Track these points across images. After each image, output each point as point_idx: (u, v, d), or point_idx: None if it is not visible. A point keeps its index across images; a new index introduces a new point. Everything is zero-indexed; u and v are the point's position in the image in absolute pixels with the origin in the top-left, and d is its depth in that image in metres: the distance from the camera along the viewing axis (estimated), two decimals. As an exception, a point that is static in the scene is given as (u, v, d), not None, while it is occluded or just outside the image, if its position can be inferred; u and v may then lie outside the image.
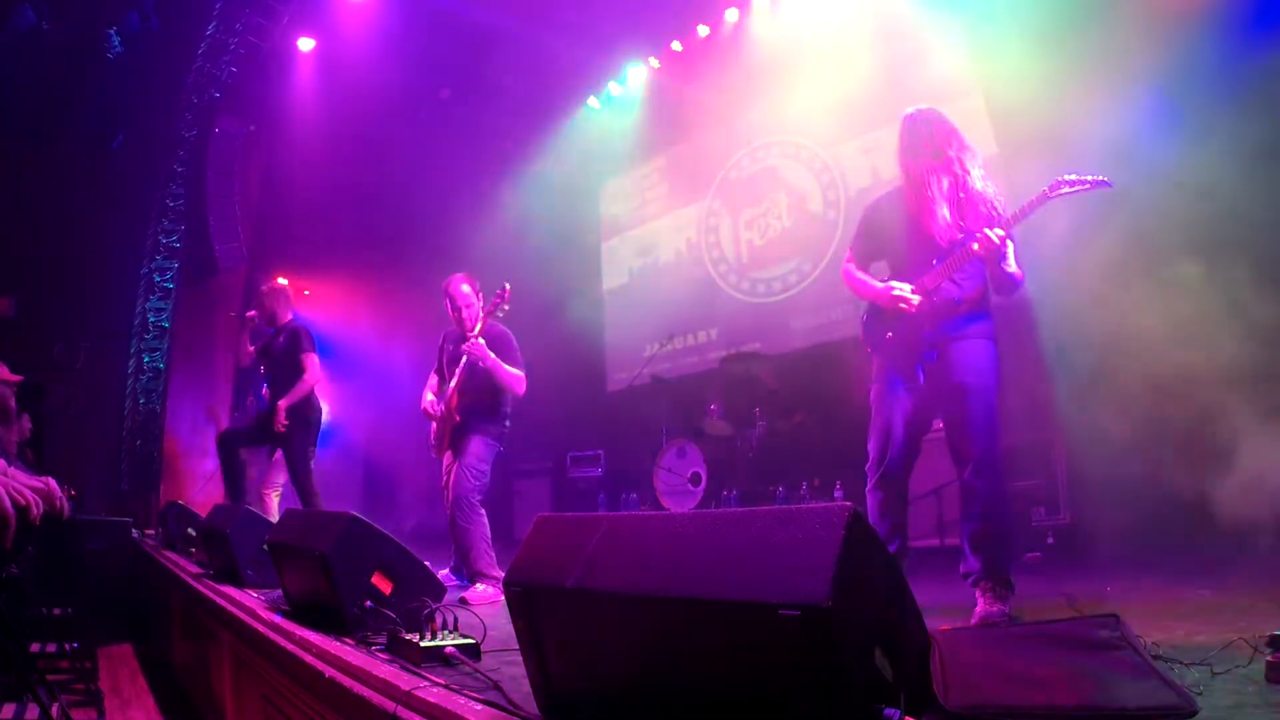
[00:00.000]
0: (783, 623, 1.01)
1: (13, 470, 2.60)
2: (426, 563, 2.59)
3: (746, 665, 1.10)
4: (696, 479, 6.31)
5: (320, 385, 5.11)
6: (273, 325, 5.19)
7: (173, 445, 8.83)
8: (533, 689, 1.47)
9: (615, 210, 9.06)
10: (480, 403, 3.94)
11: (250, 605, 2.85)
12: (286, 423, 4.80)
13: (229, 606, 2.97)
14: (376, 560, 2.38)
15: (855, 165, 6.68)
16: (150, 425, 8.73)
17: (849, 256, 2.98)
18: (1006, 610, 2.50)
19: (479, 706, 1.48)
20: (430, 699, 1.53)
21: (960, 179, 2.68)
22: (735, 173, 7.80)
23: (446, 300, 4.10)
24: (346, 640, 2.17)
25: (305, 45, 8.31)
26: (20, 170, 7.93)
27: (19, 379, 3.62)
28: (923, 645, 1.34)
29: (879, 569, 1.17)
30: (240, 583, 3.43)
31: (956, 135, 2.72)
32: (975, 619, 2.49)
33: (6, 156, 7.85)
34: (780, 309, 7.12)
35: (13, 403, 3.54)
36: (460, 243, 8.66)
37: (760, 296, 7.39)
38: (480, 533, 3.76)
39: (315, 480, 4.92)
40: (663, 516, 1.43)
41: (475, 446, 3.86)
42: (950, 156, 2.68)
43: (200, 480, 8.64)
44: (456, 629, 2.00)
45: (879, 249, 2.93)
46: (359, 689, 1.75)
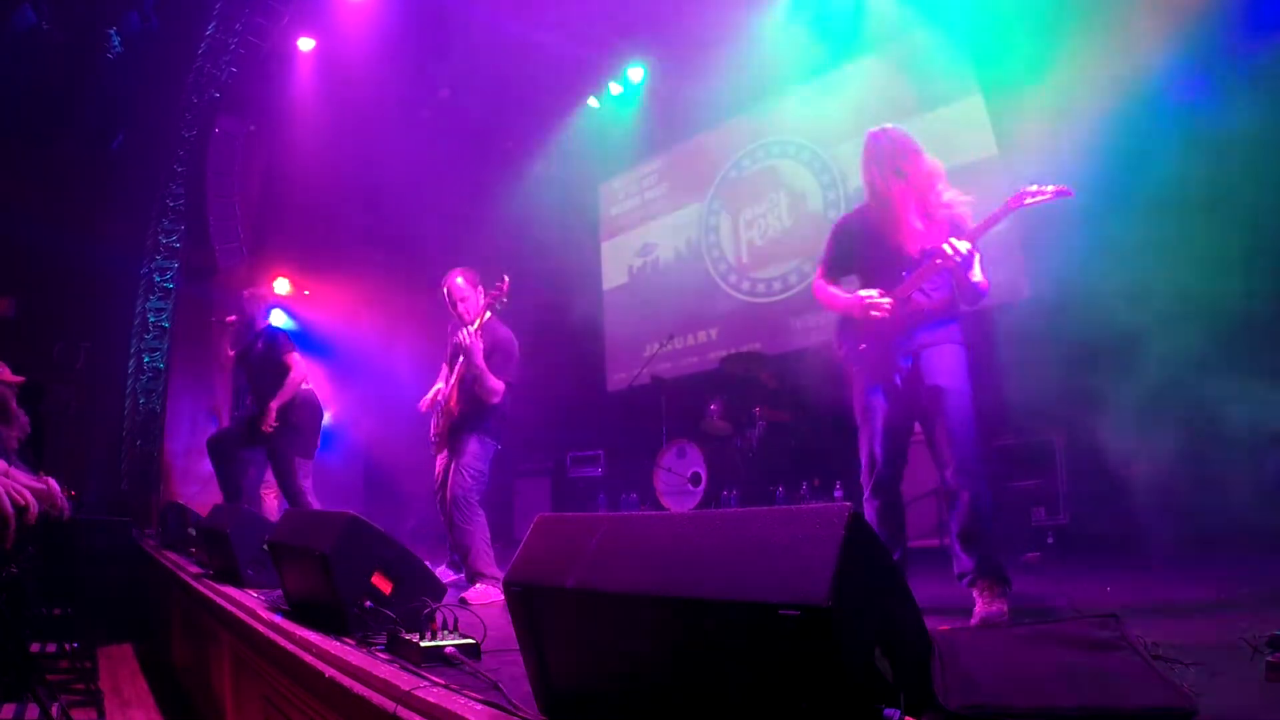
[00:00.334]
0: (783, 623, 1.01)
1: (13, 470, 2.60)
2: (426, 563, 2.59)
3: (746, 665, 1.10)
4: (696, 479, 6.31)
5: (320, 387, 5.11)
6: (251, 331, 5.20)
7: (173, 445, 8.82)
8: (533, 689, 1.47)
9: (615, 210, 9.06)
10: (477, 403, 3.88)
11: (250, 605, 2.85)
12: (275, 423, 4.80)
13: (229, 606, 2.97)
14: (376, 560, 2.38)
15: (855, 165, 6.63)
16: (150, 425, 8.72)
17: (819, 273, 3.08)
18: (1006, 608, 2.52)
19: (479, 706, 1.48)
20: (430, 699, 1.53)
21: (923, 194, 2.79)
22: (735, 173, 7.80)
23: (444, 293, 4.06)
24: (346, 640, 2.17)
25: (305, 45, 8.31)
26: (20, 170, 7.93)
27: (21, 380, 3.61)
28: (923, 645, 1.33)
29: (879, 569, 1.17)
30: (240, 583, 3.44)
31: (918, 153, 2.83)
32: (975, 619, 2.50)
33: (6, 156, 7.85)
34: (780, 309, 7.12)
35: (14, 403, 3.53)
36: (460, 242, 8.66)
37: (760, 296, 7.38)
38: (480, 532, 3.74)
39: (306, 482, 4.90)
40: (663, 516, 1.43)
41: (473, 445, 3.84)
42: (911, 172, 2.79)
43: (200, 480, 8.63)
44: (456, 629, 2.00)
45: (848, 265, 3.04)
46: (359, 689, 1.75)
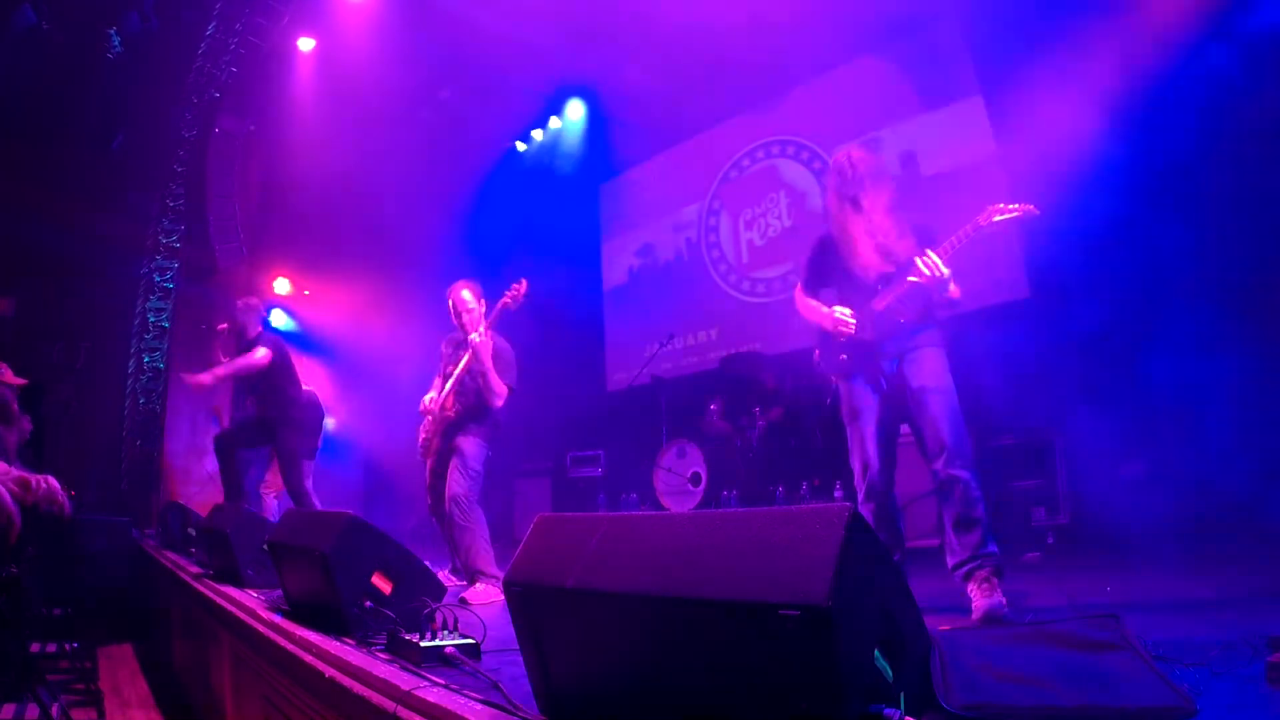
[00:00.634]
0: (783, 623, 1.01)
1: (13, 471, 2.60)
2: (426, 563, 2.59)
3: (746, 665, 1.10)
4: (696, 479, 6.31)
5: (321, 386, 5.13)
6: (242, 340, 5.21)
7: (173, 445, 8.82)
8: (533, 689, 1.47)
9: (615, 210, 9.06)
10: (476, 405, 3.98)
11: (250, 605, 2.85)
12: (206, 384, 4.94)
13: (229, 606, 2.97)
14: (376, 560, 2.38)
15: (855, 165, 6.67)
16: (150, 425, 8.71)
17: (799, 285, 3.20)
18: (1003, 601, 2.53)
19: (479, 706, 1.48)
20: (430, 699, 1.53)
21: (880, 219, 2.89)
22: (735, 173, 7.80)
23: (449, 304, 4.15)
24: (346, 640, 2.17)
25: (305, 45, 8.30)
26: (20, 170, 7.92)
27: (23, 382, 3.62)
28: (923, 645, 1.34)
29: (879, 569, 1.17)
30: (240, 583, 3.43)
31: (877, 177, 2.92)
32: (977, 614, 2.51)
33: (7, 156, 7.84)
34: (780, 309, 7.12)
35: (15, 405, 3.54)
36: (460, 242, 8.67)
37: (760, 296, 7.39)
38: (480, 531, 3.80)
39: (309, 482, 4.94)
40: (663, 516, 1.43)
41: (470, 447, 3.92)
42: (867, 201, 2.89)
43: (200, 480, 8.63)
44: (456, 629, 2.00)
45: (825, 279, 3.14)
46: (359, 689, 1.75)
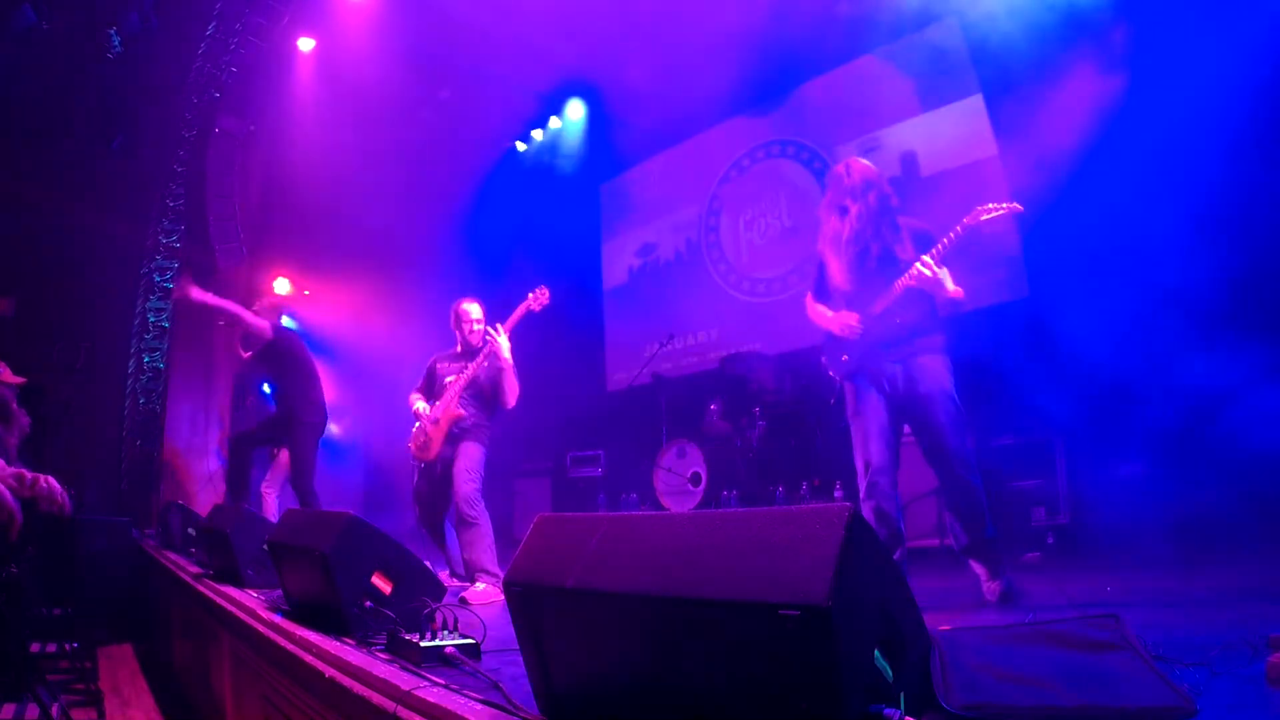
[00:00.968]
0: (783, 623, 1.01)
1: (9, 469, 2.60)
2: (427, 563, 2.59)
3: (746, 665, 1.10)
4: (696, 479, 6.31)
5: (322, 388, 5.15)
6: (262, 338, 5.20)
7: (173, 445, 8.81)
8: (533, 689, 1.47)
9: (615, 210, 9.06)
10: (480, 411, 4.17)
11: (250, 605, 2.85)
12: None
13: (229, 606, 2.97)
14: (376, 560, 2.38)
15: (855, 165, 6.67)
16: (150, 425, 8.71)
17: (810, 295, 3.36)
18: (1003, 584, 2.85)
19: (479, 706, 1.48)
20: (430, 699, 1.53)
21: (873, 226, 3.03)
22: (735, 173, 7.80)
23: (453, 318, 4.28)
24: (346, 640, 2.17)
25: (305, 45, 8.30)
26: (20, 170, 7.92)
27: (21, 381, 3.62)
28: (923, 645, 1.34)
29: (879, 569, 1.17)
30: (240, 583, 3.44)
31: (870, 188, 3.04)
32: (992, 596, 2.84)
33: (7, 156, 7.84)
34: (780, 309, 7.12)
35: (14, 404, 3.54)
36: (460, 242, 8.67)
37: (760, 296, 7.38)
38: (487, 529, 3.92)
39: (316, 482, 4.95)
40: (663, 516, 1.43)
41: (474, 452, 4.07)
42: (857, 209, 3.04)
43: (200, 480, 8.63)
44: (456, 629, 2.00)
45: (830, 287, 3.27)
46: (359, 689, 1.75)
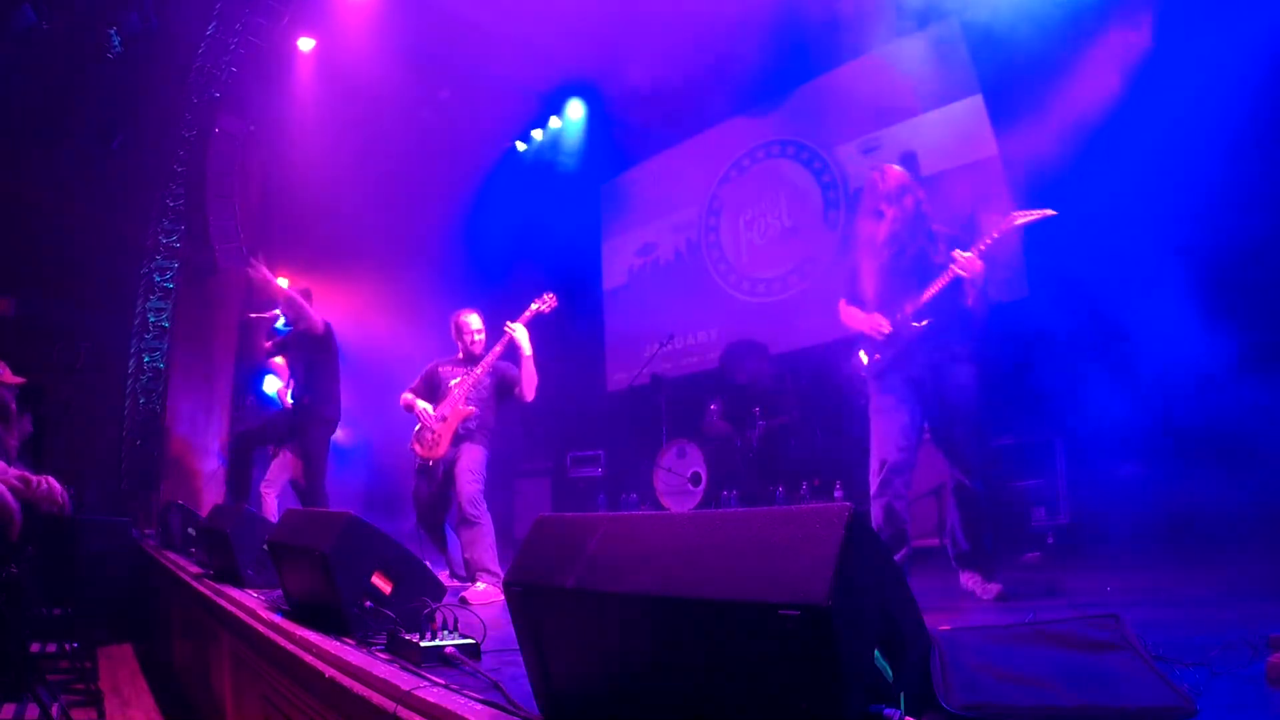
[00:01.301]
0: (783, 623, 1.01)
1: (12, 470, 2.60)
2: (426, 563, 2.59)
3: (746, 665, 1.10)
4: (696, 479, 6.31)
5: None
6: (295, 325, 5.22)
7: (173, 445, 8.81)
8: (533, 689, 1.47)
9: (615, 210, 9.06)
10: (486, 411, 4.21)
11: (250, 605, 2.85)
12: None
13: (229, 606, 2.97)
14: (376, 560, 2.38)
15: (855, 165, 6.68)
16: (150, 425, 8.71)
17: (844, 299, 3.44)
18: (1000, 585, 2.98)
19: (479, 706, 1.48)
20: (430, 699, 1.53)
21: (910, 229, 3.15)
22: (735, 173, 7.80)
23: (453, 329, 4.32)
24: (346, 640, 2.17)
25: (305, 45, 8.30)
26: (20, 170, 7.92)
27: (21, 381, 3.62)
28: (923, 645, 1.34)
29: (879, 569, 1.17)
30: (240, 583, 3.44)
31: (905, 192, 3.16)
32: (989, 596, 2.94)
33: (7, 156, 7.84)
34: (780, 309, 7.12)
35: (14, 405, 3.54)
36: (460, 243, 8.67)
37: (760, 296, 7.38)
38: (490, 529, 3.96)
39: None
40: (663, 516, 1.43)
41: (478, 454, 4.12)
42: (894, 213, 3.15)
43: (200, 480, 8.63)
44: (456, 629, 2.00)
45: (864, 288, 3.35)
46: (359, 689, 1.75)
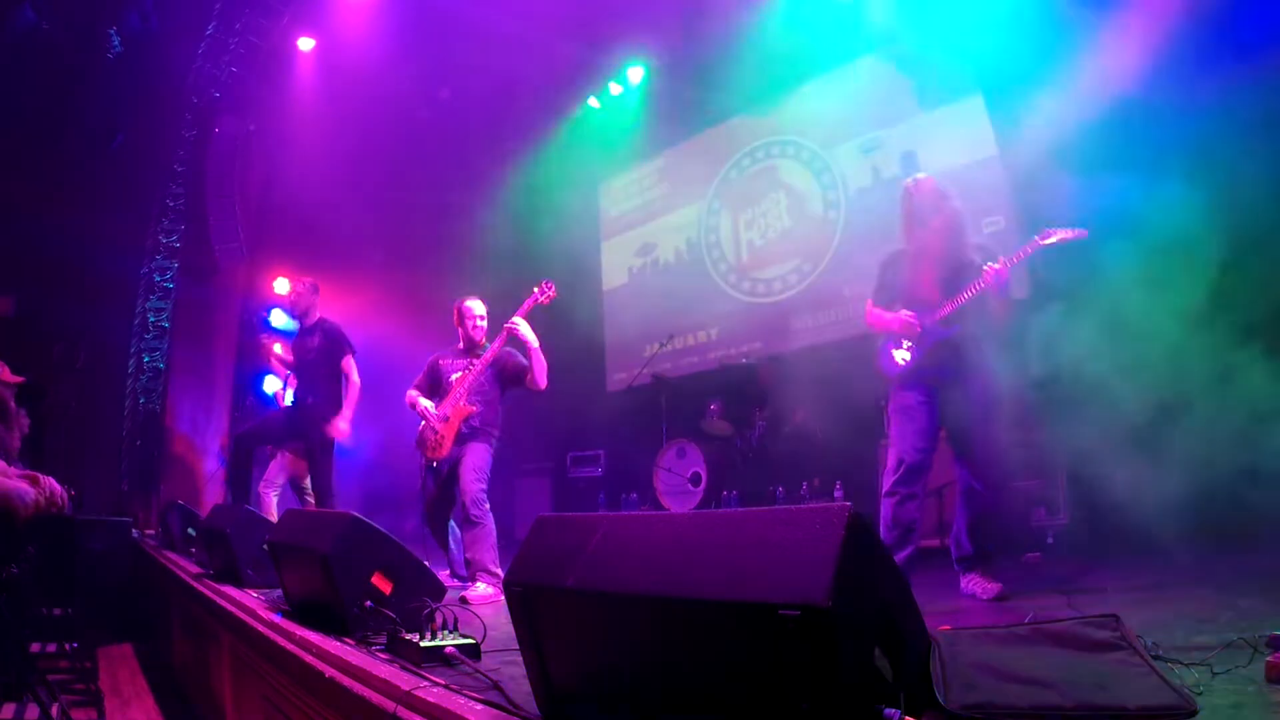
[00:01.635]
0: (783, 623, 1.01)
1: (12, 470, 2.60)
2: (426, 563, 2.59)
3: (746, 665, 1.10)
4: (696, 479, 6.31)
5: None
6: (306, 321, 5.19)
7: (173, 445, 8.81)
8: (533, 689, 1.47)
9: (615, 210, 9.06)
10: (488, 411, 4.16)
11: (250, 605, 2.85)
12: (348, 431, 4.97)
13: (229, 606, 2.97)
14: (376, 560, 2.38)
15: (855, 165, 6.68)
16: (150, 425, 8.71)
17: (870, 300, 3.51)
18: (1001, 586, 3.03)
19: (479, 706, 1.48)
20: (430, 699, 1.53)
21: (948, 238, 3.23)
22: (735, 173, 7.80)
23: (456, 316, 4.27)
24: (346, 640, 2.17)
25: (305, 45, 8.30)
26: (20, 170, 7.92)
27: (21, 380, 3.62)
28: (923, 645, 1.33)
29: (879, 569, 1.17)
30: (240, 583, 3.44)
31: (945, 199, 3.26)
32: (987, 595, 3.00)
33: (7, 156, 7.84)
34: (780, 309, 7.12)
35: (13, 404, 3.54)
36: (460, 243, 8.67)
37: (760, 296, 7.39)
38: (492, 528, 3.95)
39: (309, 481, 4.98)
40: (662, 516, 1.43)
41: (482, 452, 4.08)
42: (936, 222, 3.23)
43: (200, 480, 8.63)
44: (456, 629, 2.00)
45: (893, 294, 3.42)
46: (359, 689, 1.75)
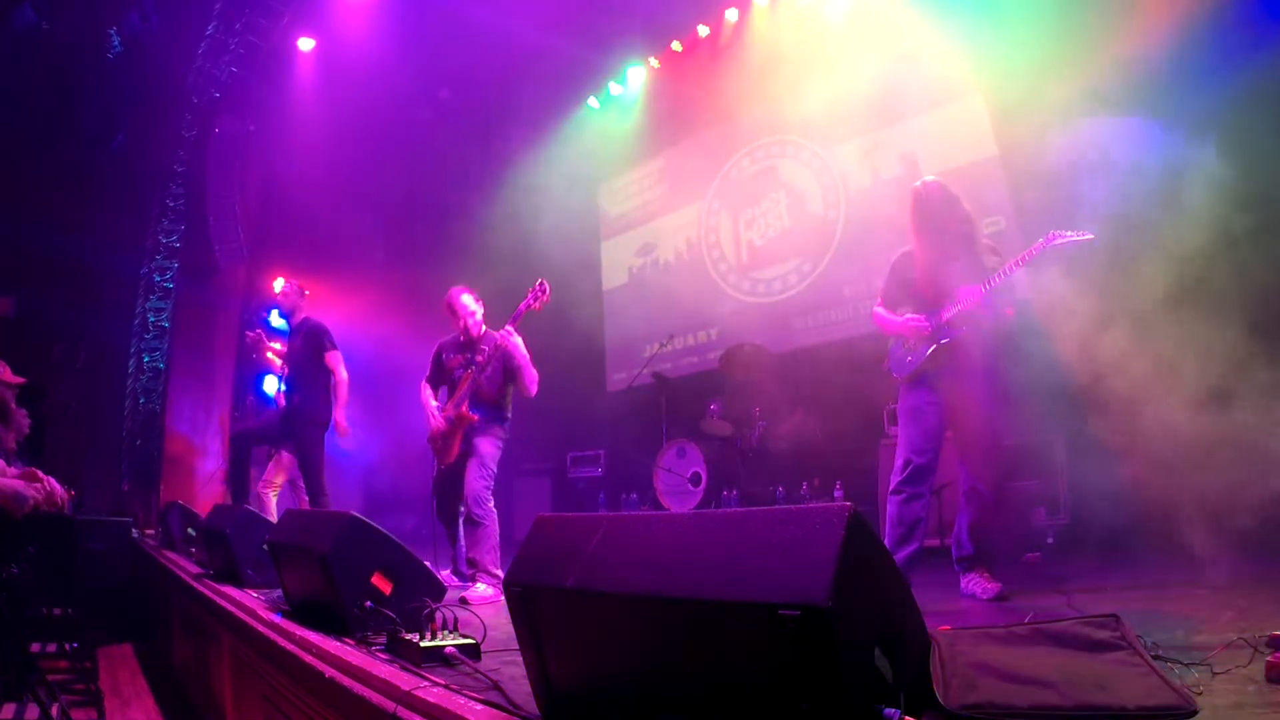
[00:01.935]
0: (783, 623, 1.01)
1: (11, 470, 2.61)
2: (426, 563, 2.59)
3: (746, 665, 1.10)
4: (696, 479, 6.31)
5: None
6: (290, 322, 5.22)
7: (173, 445, 8.81)
8: (533, 689, 1.47)
9: (615, 210, 9.06)
10: (493, 404, 4.12)
11: (250, 605, 2.85)
12: (349, 432, 4.90)
13: (229, 606, 2.97)
14: (376, 560, 2.38)
15: (855, 165, 6.68)
16: (150, 425, 8.71)
17: (879, 302, 3.53)
18: (1002, 586, 3.05)
19: (479, 706, 1.48)
20: (430, 699, 1.53)
21: (958, 239, 3.25)
22: (735, 173, 7.80)
23: (448, 310, 4.22)
24: (346, 640, 2.17)
25: (305, 45, 8.31)
26: (20, 170, 7.93)
27: (22, 381, 3.62)
28: (923, 645, 1.33)
29: (879, 569, 1.17)
30: (240, 583, 3.44)
31: (954, 203, 3.27)
32: (987, 595, 3.02)
33: (6, 156, 7.84)
34: (780, 309, 7.12)
35: (13, 405, 3.54)
36: (460, 243, 8.67)
37: (760, 296, 7.39)
38: (494, 529, 3.92)
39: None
40: (662, 516, 1.43)
41: (488, 448, 4.05)
42: (947, 224, 3.25)
43: (200, 480, 8.63)
44: (456, 629, 2.00)
45: (902, 296, 3.45)
46: (359, 689, 1.75)
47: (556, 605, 1.39)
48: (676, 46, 8.00)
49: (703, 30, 7.76)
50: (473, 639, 1.96)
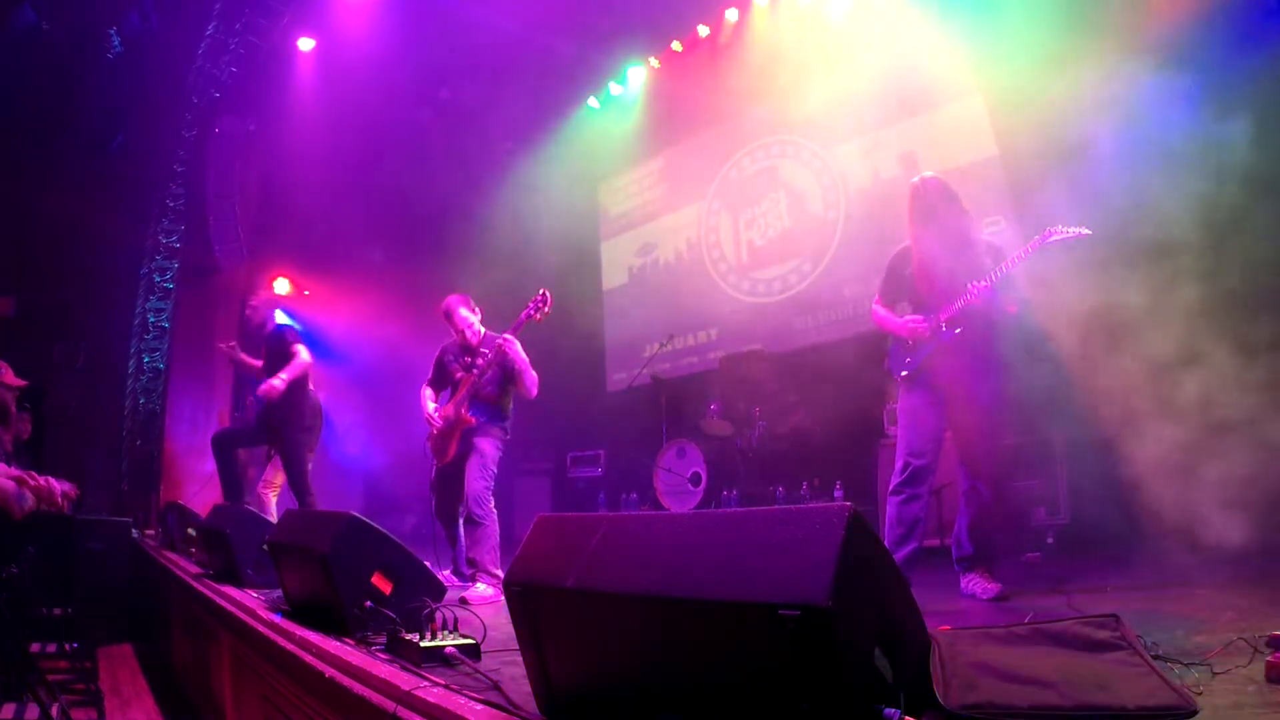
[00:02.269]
0: (783, 623, 1.01)
1: (10, 470, 2.61)
2: (426, 563, 2.59)
3: (746, 665, 1.10)
4: (696, 479, 6.31)
5: (321, 387, 5.13)
6: (260, 336, 5.22)
7: (173, 445, 8.81)
8: (533, 689, 1.47)
9: (615, 210, 9.06)
10: (492, 406, 4.15)
11: (250, 605, 2.85)
12: (282, 391, 4.68)
13: (229, 606, 2.97)
14: (376, 560, 2.38)
15: (855, 165, 6.68)
16: (150, 425, 8.71)
17: (876, 299, 3.51)
18: (1001, 586, 3.04)
19: (479, 706, 1.48)
20: (430, 699, 1.53)
21: (955, 235, 3.23)
22: (735, 173, 7.80)
23: (446, 320, 4.25)
24: (346, 640, 2.17)
25: (305, 45, 8.30)
26: (20, 170, 7.92)
27: (23, 384, 3.63)
28: (923, 645, 1.33)
29: (879, 569, 1.17)
30: (240, 583, 3.44)
31: (950, 200, 3.26)
32: (987, 595, 3.00)
33: (6, 156, 7.84)
34: (780, 309, 7.12)
35: (14, 407, 3.55)
36: (460, 243, 8.66)
37: (760, 296, 7.39)
38: (494, 529, 3.93)
39: (311, 480, 4.95)
40: (663, 516, 1.43)
41: (489, 448, 4.07)
42: (943, 219, 3.23)
43: (200, 480, 8.61)
44: (456, 629, 2.00)
45: (900, 293, 3.45)
46: (359, 689, 1.75)
47: (556, 605, 1.39)
48: (676, 46, 8.00)
49: (703, 30, 7.76)
50: (473, 639, 1.96)
